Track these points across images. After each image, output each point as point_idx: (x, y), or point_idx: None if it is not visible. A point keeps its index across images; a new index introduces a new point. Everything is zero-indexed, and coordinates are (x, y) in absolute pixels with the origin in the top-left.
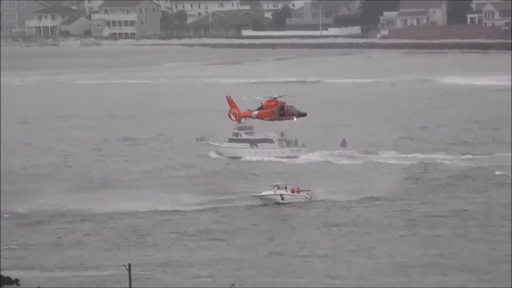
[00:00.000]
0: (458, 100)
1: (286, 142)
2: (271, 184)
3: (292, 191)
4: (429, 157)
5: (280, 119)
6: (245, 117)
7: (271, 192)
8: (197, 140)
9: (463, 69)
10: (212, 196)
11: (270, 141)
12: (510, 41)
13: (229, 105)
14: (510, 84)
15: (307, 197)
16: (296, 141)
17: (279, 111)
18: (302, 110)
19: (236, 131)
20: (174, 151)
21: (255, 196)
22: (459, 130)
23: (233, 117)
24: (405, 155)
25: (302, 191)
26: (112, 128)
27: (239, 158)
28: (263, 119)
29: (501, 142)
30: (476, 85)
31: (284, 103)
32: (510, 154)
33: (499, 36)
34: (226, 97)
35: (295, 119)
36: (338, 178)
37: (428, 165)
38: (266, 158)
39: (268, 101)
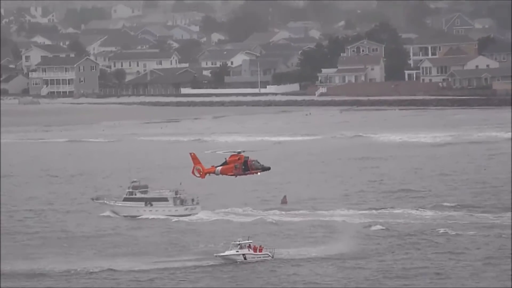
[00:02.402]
0: (387, 157)
1: (181, 200)
2: (233, 242)
3: (255, 249)
4: (327, 213)
5: (244, 174)
6: (209, 173)
7: (234, 252)
8: (92, 199)
9: (400, 126)
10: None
11: (164, 199)
12: (447, 97)
13: (193, 162)
14: (446, 140)
15: (269, 255)
16: (192, 199)
17: (243, 166)
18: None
19: (130, 190)
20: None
21: (217, 256)
22: (376, 187)
23: (197, 174)
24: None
25: (264, 249)
26: (35, 188)
27: (135, 217)
28: (226, 174)
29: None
30: (411, 142)
31: (247, 157)
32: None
33: (436, 92)
34: (190, 153)
35: (259, 173)
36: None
37: (325, 222)
38: (161, 217)
39: (232, 156)
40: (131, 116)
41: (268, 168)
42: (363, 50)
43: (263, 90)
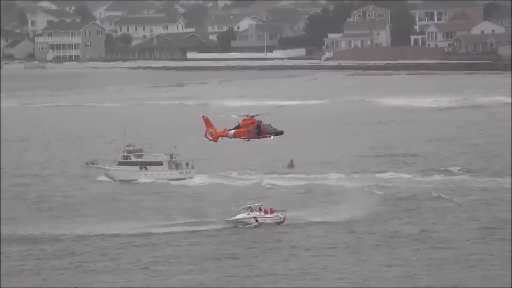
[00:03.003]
0: (393, 122)
1: (176, 164)
2: (243, 206)
3: (266, 212)
4: (315, 177)
5: (257, 138)
6: (221, 136)
7: (245, 215)
8: (87, 164)
9: (405, 90)
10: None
11: (159, 163)
12: (453, 62)
13: (206, 125)
14: (451, 105)
15: (281, 217)
16: (187, 163)
17: (256, 129)
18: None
19: (125, 154)
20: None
21: (229, 220)
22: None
23: (209, 137)
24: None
25: (276, 211)
26: (36, 153)
27: (130, 181)
28: (239, 138)
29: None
30: (416, 106)
31: (260, 121)
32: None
33: (442, 57)
34: (203, 117)
35: (272, 137)
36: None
37: (330, 186)
38: (159, 181)
39: (245, 120)
40: (137, 81)
41: (281, 132)
42: (369, 15)
43: (269, 55)
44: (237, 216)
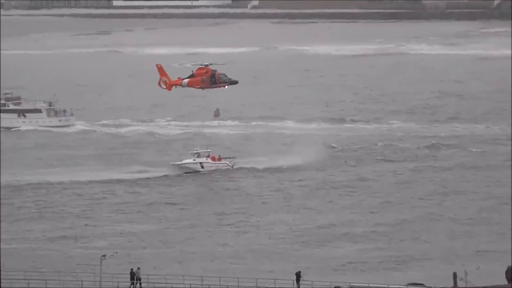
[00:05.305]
0: (319, 69)
1: (54, 111)
2: (191, 151)
3: (213, 159)
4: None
5: (211, 87)
6: (175, 85)
7: (191, 161)
8: None
9: (329, 39)
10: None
11: (38, 111)
12: (377, 10)
13: (159, 74)
14: (372, 52)
15: (228, 165)
16: (64, 111)
17: (210, 79)
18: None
19: (3, 101)
20: None
21: (174, 164)
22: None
23: (163, 85)
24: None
25: (223, 158)
26: None
27: (9, 128)
28: (193, 87)
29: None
30: (340, 54)
31: (215, 71)
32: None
33: (366, 5)
34: (156, 65)
35: (226, 86)
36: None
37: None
38: (38, 127)
39: (199, 69)
40: (62, 28)
41: (236, 82)
42: None
43: (195, 3)
44: (183, 161)
